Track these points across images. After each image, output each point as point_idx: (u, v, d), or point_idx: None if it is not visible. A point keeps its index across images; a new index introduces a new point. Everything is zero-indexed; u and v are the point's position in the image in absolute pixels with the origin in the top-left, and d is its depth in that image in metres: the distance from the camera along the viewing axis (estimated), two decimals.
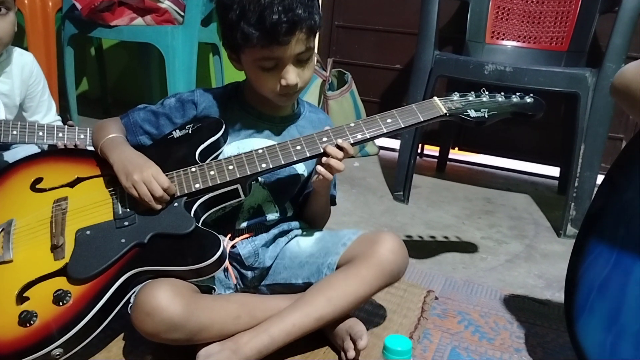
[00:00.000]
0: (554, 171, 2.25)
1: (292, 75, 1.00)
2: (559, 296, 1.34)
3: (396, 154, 1.98)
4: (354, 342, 0.97)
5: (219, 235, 0.96)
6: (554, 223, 1.82)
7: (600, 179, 1.68)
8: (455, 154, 2.46)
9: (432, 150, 2.44)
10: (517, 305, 1.28)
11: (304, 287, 1.05)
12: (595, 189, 1.66)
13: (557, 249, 1.63)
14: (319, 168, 1.02)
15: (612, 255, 0.90)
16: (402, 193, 1.92)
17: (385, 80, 2.52)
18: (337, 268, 1.05)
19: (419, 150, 2.43)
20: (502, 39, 2.08)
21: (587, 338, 0.93)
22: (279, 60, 1.00)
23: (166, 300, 0.88)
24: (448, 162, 2.37)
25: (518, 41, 2.07)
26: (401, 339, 0.75)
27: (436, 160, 2.37)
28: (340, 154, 1.01)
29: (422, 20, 1.82)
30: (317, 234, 1.15)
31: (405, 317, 1.17)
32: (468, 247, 1.60)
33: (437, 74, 1.80)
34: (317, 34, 1.05)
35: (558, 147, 2.15)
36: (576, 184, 1.68)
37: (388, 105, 2.49)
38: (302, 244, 1.13)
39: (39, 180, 1.10)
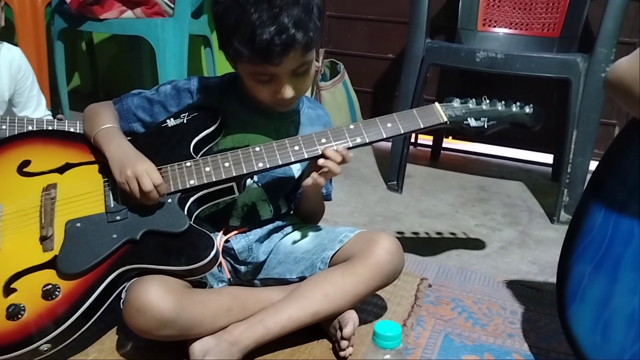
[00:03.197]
0: (548, 158, 2.25)
1: (287, 90, 0.98)
2: (552, 282, 1.35)
3: (390, 144, 1.98)
4: (340, 330, 0.98)
5: (212, 235, 0.95)
6: (547, 209, 1.82)
7: (592, 164, 1.69)
8: (449, 142, 2.45)
9: (426, 139, 2.44)
10: (511, 291, 1.28)
11: (298, 282, 1.05)
12: (588, 175, 1.67)
13: (551, 235, 1.64)
14: (315, 175, 1.00)
15: (603, 242, 0.90)
16: (395, 182, 1.92)
17: (378, 69, 2.51)
18: (332, 264, 1.05)
19: (412, 140, 2.43)
20: (494, 26, 2.07)
21: (579, 325, 0.94)
22: (274, 76, 0.97)
23: (157, 297, 0.87)
24: (442, 151, 2.37)
25: (510, 28, 2.06)
26: (391, 324, 0.76)
27: (430, 149, 2.36)
28: (338, 158, 0.99)
29: (413, 8, 1.81)
30: (313, 231, 1.14)
31: (399, 305, 1.17)
32: (462, 235, 1.61)
33: (428, 62, 1.79)
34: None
35: (551, 134, 2.15)
36: (569, 170, 1.68)
37: (381, 95, 2.51)
38: (298, 240, 1.12)
39: (26, 163, 1.06)
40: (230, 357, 0.91)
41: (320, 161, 0.99)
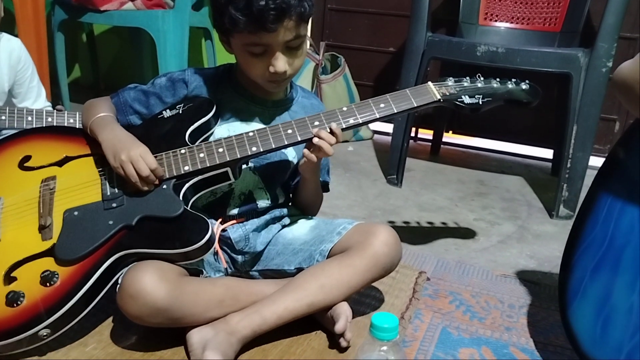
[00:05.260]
0: (548, 153, 2.25)
1: (280, 62, 0.99)
2: (550, 276, 1.35)
3: (390, 138, 1.98)
4: (333, 325, 0.97)
5: (207, 219, 0.96)
6: (546, 204, 1.82)
7: (592, 160, 1.69)
8: (449, 137, 2.45)
9: (426, 133, 2.44)
10: (509, 285, 1.29)
11: (296, 273, 1.06)
12: (588, 170, 1.67)
13: (549, 229, 1.64)
14: (305, 151, 1.02)
15: (605, 240, 0.91)
16: (395, 176, 1.92)
17: (379, 63, 2.50)
18: (330, 256, 1.05)
19: (413, 134, 2.43)
20: (496, 20, 2.07)
21: (579, 322, 0.94)
22: (268, 47, 0.98)
23: (151, 285, 0.88)
24: (442, 146, 2.37)
25: (511, 22, 2.06)
26: (388, 316, 0.76)
27: (430, 143, 2.36)
28: (332, 139, 1.00)
29: (415, 2, 1.80)
30: (311, 222, 1.14)
31: (397, 298, 1.18)
32: (460, 229, 1.61)
33: (429, 56, 1.79)
34: (309, 21, 1.03)
35: (551, 129, 2.15)
36: (568, 165, 1.68)
37: (382, 89, 2.50)
38: (296, 231, 1.13)
39: (27, 158, 1.08)
40: (229, 347, 0.91)
41: (315, 140, 1.00)
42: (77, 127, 1.34)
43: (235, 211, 1.10)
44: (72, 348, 0.95)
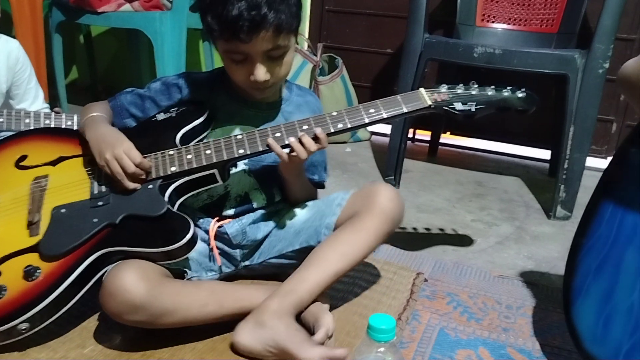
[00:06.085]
0: (545, 154, 2.25)
1: (260, 72, 0.99)
2: (547, 277, 1.36)
3: (388, 139, 1.98)
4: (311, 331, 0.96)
5: (189, 219, 0.97)
6: (544, 205, 1.82)
7: (589, 160, 1.70)
8: (446, 138, 2.46)
9: (423, 134, 2.44)
10: (506, 286, 1.29)
11: (303, 250, 1.06)
12: (585, 170, 1.68)
13: (547, 230, 1.64)
14: (278, 149, 1.01)
15: (609, 239, 0.92)
16: (393, 177, 1.93)
17: (377, 64, 2.51)
18: (335, 228, 1.06)
19: (410, 135, 2.43)
20: (493, 22, 2.07)
21: (582, 319, 0.95)
22: (247, 55, 0.98)
23: (130, 283, 0.88)
24: (440, 147, 2.37)
25: (508, 23, 2.06)
26: (385, 317, 0.76)
27: (428, 144, 2.37)
28: (312, 147, 0.99)
29: (412, 3, 1.81)
30: (308, 204, 1.15)
31: (395, 299, 1.18)
32: (458, 230, 1.61)
33: (427, 57, 1.79)
34: (295, 30, 1.02)
35: (549, 129, 2.16)
36: (566, 166, 1.69)
37: (379, 90, 2.52)
38: (294, 215, 1.13)
39: (23, 157, 1.11)
40: (295, 329, 0.90)
41: (291, 139, 0.99)
42: (75, 129, 1.34)
43: (231, 212, 1.11)
44: (70, 350, 0.95)
